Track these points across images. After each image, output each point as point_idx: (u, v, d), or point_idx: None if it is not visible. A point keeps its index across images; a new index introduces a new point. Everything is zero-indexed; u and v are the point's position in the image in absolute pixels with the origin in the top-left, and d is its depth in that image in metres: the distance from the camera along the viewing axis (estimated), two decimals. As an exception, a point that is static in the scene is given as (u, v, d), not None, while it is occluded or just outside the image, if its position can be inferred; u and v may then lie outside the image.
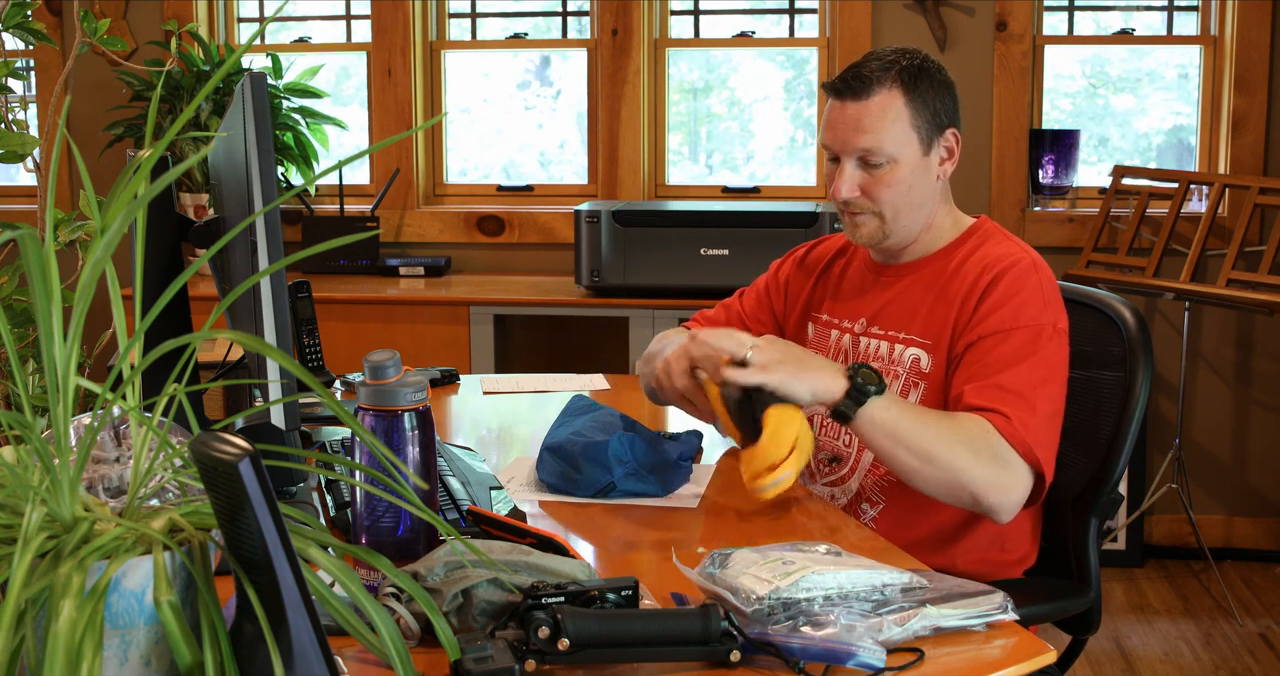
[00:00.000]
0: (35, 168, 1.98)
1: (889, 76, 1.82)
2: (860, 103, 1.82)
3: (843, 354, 1.94)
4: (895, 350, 1.87)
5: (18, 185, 4.34)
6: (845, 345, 1.95)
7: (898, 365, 1.86)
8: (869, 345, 1.91)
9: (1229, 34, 3.76)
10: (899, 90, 1.82)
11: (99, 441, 1.27)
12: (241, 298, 1.59)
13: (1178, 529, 3.86)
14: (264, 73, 1.81)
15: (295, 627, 0.90)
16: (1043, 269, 1.83)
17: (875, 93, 1.81)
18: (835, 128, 1.85)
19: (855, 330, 1.94)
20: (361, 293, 3.67)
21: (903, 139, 1.82)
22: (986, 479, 1.66)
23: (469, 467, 1.80)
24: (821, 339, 1.99)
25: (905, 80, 1.82)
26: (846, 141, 1.83)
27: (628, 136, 3.98)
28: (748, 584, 1.26)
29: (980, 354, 1.76)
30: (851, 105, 1.83)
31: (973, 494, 1.66)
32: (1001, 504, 1.68)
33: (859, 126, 1.82)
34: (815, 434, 1.90)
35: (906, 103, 1.82)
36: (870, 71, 1.82)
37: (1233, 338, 3.83)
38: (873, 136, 1.81)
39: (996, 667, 1.23)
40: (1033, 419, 1.70)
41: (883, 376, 1.68)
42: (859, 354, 1.92)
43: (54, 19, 4.07)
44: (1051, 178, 3.84)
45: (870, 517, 1.86)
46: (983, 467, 1.66)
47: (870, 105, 1.81)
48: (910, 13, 3.82)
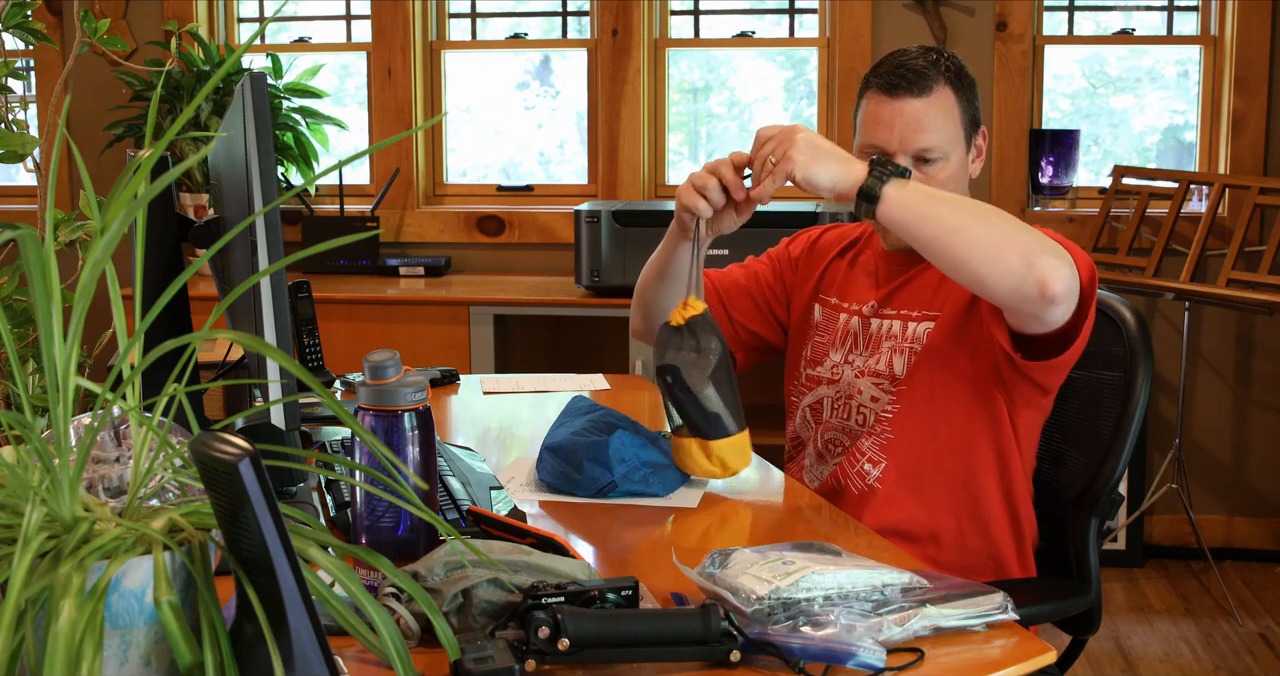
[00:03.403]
0: (35, 168, 1.98)
1: (941, 73, 1.80)
2: (922, 99, 1.80)
3: (851, 337, 1.94)
4: (908, 328, 1.86)
5: (18, 185, 4.34)
6: (854, 327, 1.94)
7: (910, 341, 1.85)
8: (881, 325, 1.90)
9: (1229, 34, 3.76)
10: (950, 87, 1.81)
11: (99, 441, 1.27)
12: (241, 298, 1.59)
13: (1178, 529, 3.86)
14: (264, 73, 1.81)
15: (295, 627, 0.90)
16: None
17: (935, 89, 1.80)
18: (892, 126, 1.81)
19: (865, 312, 1.93)
20: (361, 293, 3.67)
21: (955, 136, 1.81)
22: (1028, 242, 1.59)
23: (469, 467, 1.80)
24: (830, 322, 1.99)
25: (952, 77, 1.81)
26: (906, 139, 1.80)
27: (628, 136, 3.98)
28: (748, 584, 1.26)
29: None
30: (912, 102, 1.80)
31: (1020, 254, 1.58)
32: (1055, 268, 1.57)
33: (919, 124, 1.79)
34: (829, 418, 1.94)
35: (958, 99, 1.81)
36: (923, 67, 1.80)
37: (1233, 337, 3.83)
38: (935, 134, 1.80)
39: (996, 667, 1.23)
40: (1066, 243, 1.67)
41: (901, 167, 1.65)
42: (870, 336, 1.91)
43: (54, 19, 4.07)
44: (1051, 178, 3.84)
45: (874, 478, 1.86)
46: (1024, 233, 1.61)
47: (933, 102, 1.80)
48: (910, 13, 3.82)
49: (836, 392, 1.94)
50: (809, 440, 1.99)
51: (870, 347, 1.91)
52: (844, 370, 1.94)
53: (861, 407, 1.90)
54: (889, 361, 1.87)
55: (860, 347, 1.92)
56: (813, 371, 1.99)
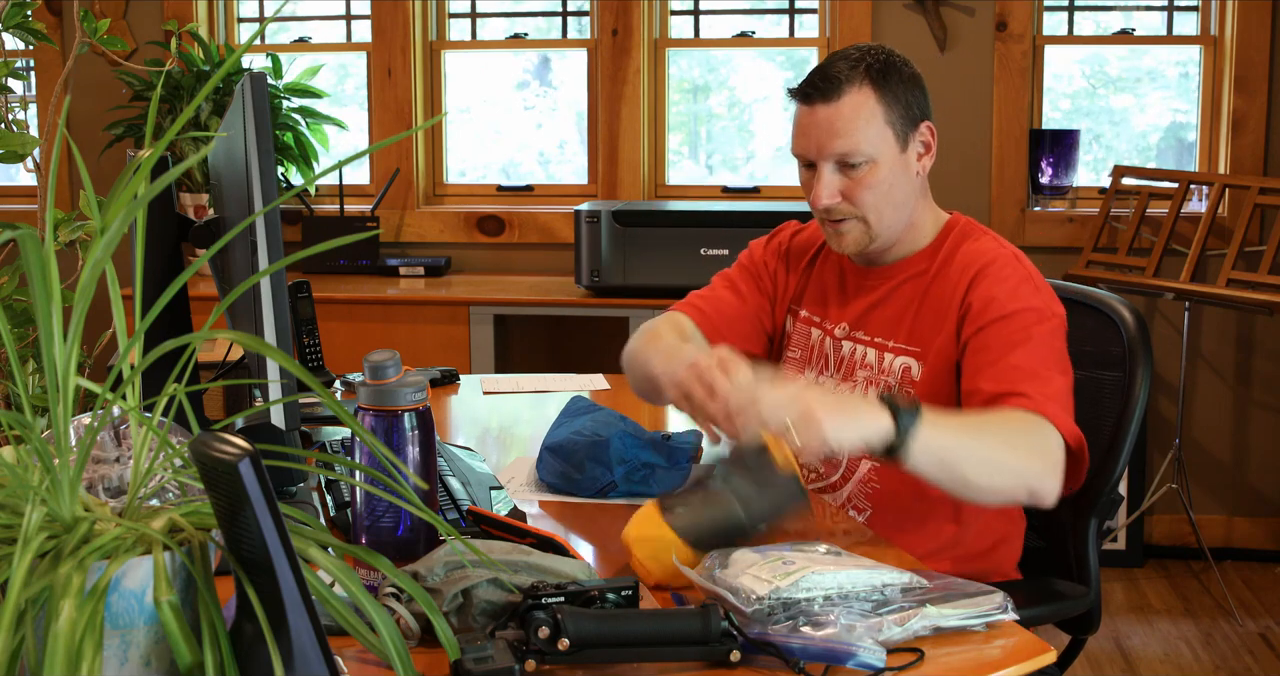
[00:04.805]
0: (35, 168, 1.98)
1: (857, 74, 1.77)
2: (831, 105, 1.77)
3: (823, 357, 1.91)
4: (885, 359, 1.84)
5: (18, 185, 4.34)
6: (827, 348, 1.91)
7: (887, 374, 1.83)
8: (854, 351, 1.87)
9: (1229, 34, 3.76)
10: (869, 87, 1.77)
11: (99, 441, 1.27)
12: (241, 298, 1.59)
13: (1178, 529, 3.86)
14: (264, 73, 1.81)
15: (295, 627, 0.90)
16: (1023, 259, 1.81)
17: (845, 92, 1.76)
18: (808, 133, 1.80)
19: (837, 334, 1.90)
20: (361, 293, 3.67)
21: (878, 137, 1.77)
22: (1031, 470, 1.59)
23: (469, 467, 1.80)
24: (802, 337, 1.95)
25: (874, 77, 1.77)
26: (822, 146, 1.78)
27: (628, 136, 3.98)
28: (748, 584, 1.26)
29: (984, 342, 1.73)
30: (822, 108, 1.77)
31: (1023, 486, 1.59)
32: (1050, 491, 1.60)
33: (832, 129, 1.77)
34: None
35: (878, 99, 1.77)
36: (837, 71, 1.77)
37: (1233, 338, 3.83)
38: (848, 139, 1.76)
39: (996, 667, 1.23)
40: (1050, 390, 1.66)
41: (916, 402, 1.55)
42: (841, 359, 1.88)
43: (54, 19, 4.07)
44: (1051, 178, 3.84)
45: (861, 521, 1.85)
46: (1028, 457, 1.59)
47: (842, 106, 1.76)
48: (910, 13, 3.82)
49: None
50: None
51: (843, 372, 1.88)
52: None
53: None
54: (864, 393, 1.84)
55: (831, 369, 1.90)
56: None
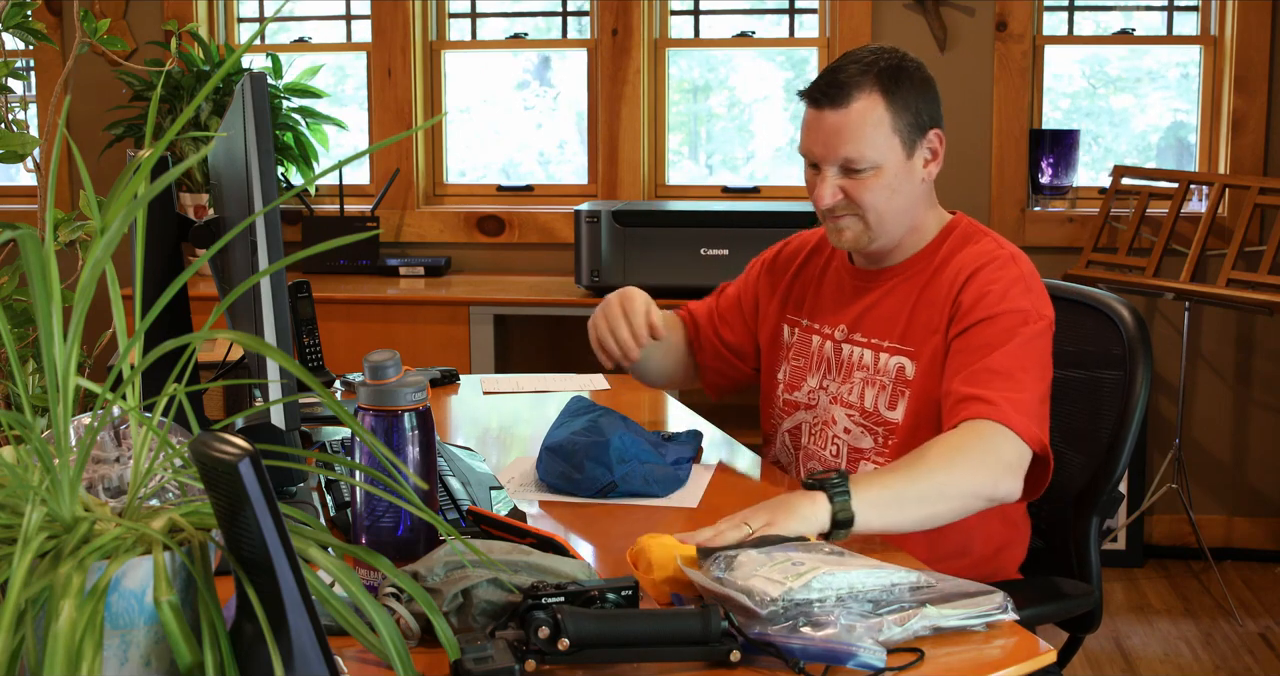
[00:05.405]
0: (35, 168, 1.98)
1: (867, 80, 1.77)
2: (840, 111, 1.77)
3: (825, 362, 1.92)
4: (880, 359, 1.85)
5: (18, 185, 4.34)
6: (828, 352, 1.92)
7: (882, 374, 1.83)
8: (851, 353, 1.88)
9: (1229, 34, 3.76)
10: (878, 94, 1.77)
11: (99, 441, 1.27)
12: (241, 298, 1.59)
13: (1178, 529, 3.86)
14: (264, 73, 1.81)
15: (295, 627, 0.90)
16: (1021, 260, 1.81)
17: (854, 100, 1.76)
18: (815, 136, 1.80)
19: (836, 337, 1.91)
20: (361, 293, 3.67)
21: (885, 145, 1.77)
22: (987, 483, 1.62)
23: (469, 467, 1.80)
24: (803, 345, 1.97)
25: (884, 83, 1.77)
26: (828, 151, 1.79)
27: (628, 136, 3.98)
28: (760, 586, 1.25)
29: (966, 342, 1.74)
30: (830, 114, 1.78)
31: (983, 499, 1.63)
32: (1011, 493, 1.64)
33: (839, 136, 1.77)
34: (808, 445, 1.92)
35: (887, 107, 1.77)
36: (848, 77, 1.77)
37: (1233, 338, 3.83)
38: (854, 146, 1.77)
39: (996, 667, 1.23)
40: (1020, 396, 1.66)
41: (841, 472, 1.55)
42: (841, 362, 1.90)
43: (54, 19, 4.07)
44: (1051, 178, 3.84)
45: None
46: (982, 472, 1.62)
47: (850, 113, 1.76)
48: (910, 13, 3.82)
49: (814, 418, 1.92)
50: (789, 467, 1.97)
51: (843, 375, 1.89)
52: (820, 395, 1.92)
53: (836, 438, 1.88)
54: (860, 393, 1.86)
55: (834, 373, 1.91)
56: (790, 396, 1.97)
